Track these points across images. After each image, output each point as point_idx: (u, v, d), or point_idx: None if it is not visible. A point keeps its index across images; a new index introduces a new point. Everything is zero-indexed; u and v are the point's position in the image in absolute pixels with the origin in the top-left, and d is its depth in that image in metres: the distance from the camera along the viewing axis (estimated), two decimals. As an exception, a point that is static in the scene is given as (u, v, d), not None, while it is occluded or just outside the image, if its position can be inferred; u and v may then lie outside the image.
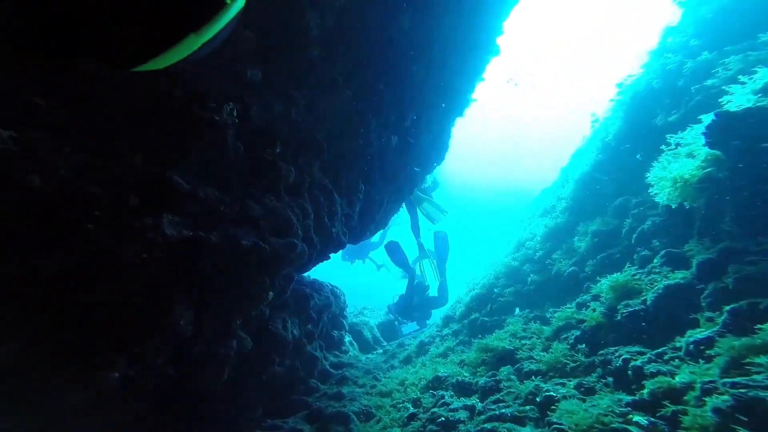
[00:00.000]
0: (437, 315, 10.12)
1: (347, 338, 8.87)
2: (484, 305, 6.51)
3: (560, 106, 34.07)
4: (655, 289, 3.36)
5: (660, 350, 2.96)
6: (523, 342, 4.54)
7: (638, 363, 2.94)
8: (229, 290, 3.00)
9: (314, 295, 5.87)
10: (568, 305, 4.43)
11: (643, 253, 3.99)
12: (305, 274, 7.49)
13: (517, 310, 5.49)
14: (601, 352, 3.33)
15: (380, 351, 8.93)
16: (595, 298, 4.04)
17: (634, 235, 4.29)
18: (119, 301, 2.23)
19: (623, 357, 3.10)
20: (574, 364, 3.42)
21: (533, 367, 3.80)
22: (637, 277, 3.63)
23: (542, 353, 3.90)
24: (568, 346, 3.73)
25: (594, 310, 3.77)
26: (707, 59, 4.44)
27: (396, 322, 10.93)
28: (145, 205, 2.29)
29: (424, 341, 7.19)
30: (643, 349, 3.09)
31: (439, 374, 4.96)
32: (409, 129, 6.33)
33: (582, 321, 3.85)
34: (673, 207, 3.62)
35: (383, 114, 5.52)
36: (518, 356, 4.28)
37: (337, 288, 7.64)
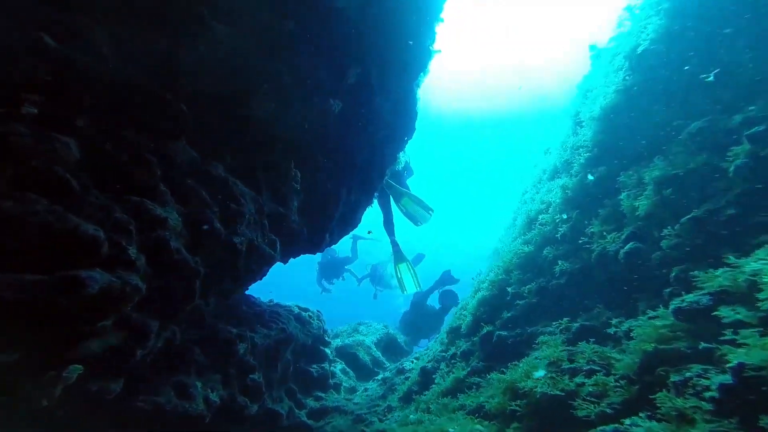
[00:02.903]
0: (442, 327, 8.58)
1: (338, 367, 7.23)
2: (497, 313, 4.71)
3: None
4: None
5: None
6: (576, 381, 2.72)
7: None
8: None
9: (255, 331, 4.23)
10: (651, 312, 2.54)
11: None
12: (263, 299, 5.88)
13: (546, 332, 3.62)
14: None
15: (380, 378, 7.24)
16: (720, 297, 2.11)
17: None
18: None
19: None
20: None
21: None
22: None
23: (646, 420, 2.01)
24: (712, 406, 1.83)
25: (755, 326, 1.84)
26: None
27: (399, 339, 9.32)
28: None
29: (427, 368, 5.45)
30: None
31: (448, 440, 3.24)
32: (356, 89, 4.63)
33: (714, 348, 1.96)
34: None
35: (303, 66, 3.85)
36: (576, 411, 2.48)
37: (306, 311, 6.00)
